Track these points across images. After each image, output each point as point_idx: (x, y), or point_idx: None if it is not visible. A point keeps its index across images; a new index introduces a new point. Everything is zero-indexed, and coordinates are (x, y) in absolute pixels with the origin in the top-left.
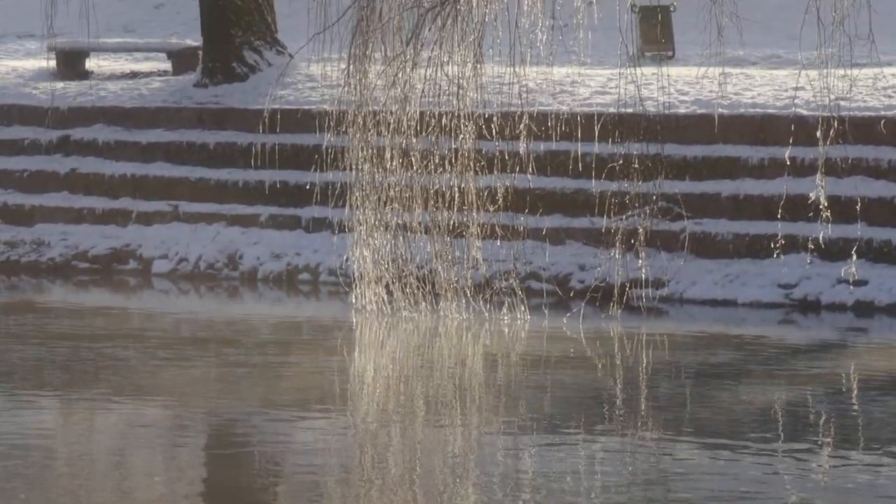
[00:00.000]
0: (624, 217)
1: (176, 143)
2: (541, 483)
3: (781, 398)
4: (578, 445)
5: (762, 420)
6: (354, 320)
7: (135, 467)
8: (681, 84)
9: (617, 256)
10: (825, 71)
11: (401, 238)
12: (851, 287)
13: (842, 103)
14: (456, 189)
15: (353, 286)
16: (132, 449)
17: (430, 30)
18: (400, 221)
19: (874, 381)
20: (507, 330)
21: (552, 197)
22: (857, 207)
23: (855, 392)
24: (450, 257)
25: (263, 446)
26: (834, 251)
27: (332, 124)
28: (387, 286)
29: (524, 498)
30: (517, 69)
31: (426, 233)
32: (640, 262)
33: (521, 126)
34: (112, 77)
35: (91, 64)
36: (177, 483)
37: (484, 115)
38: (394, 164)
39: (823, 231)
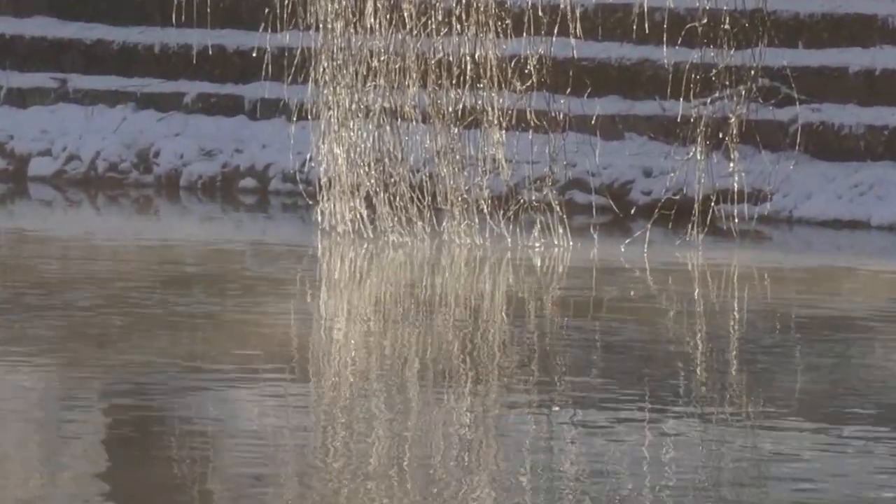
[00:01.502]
0: (709, 101)
1: None
2: (587, 484)
3: None
4: (639, 430)
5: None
6: (320, 247)
7: (3, 457)
8: None
9: (698, 157)
10: None
11: (388, 129)
12: None
13: None
14: (468, 58)
15: (319, 197)
16: (7, 420)
17: None
18: (387, 105)
19: None
20: (539, 262)
21: (606, 71)
22: None
23: None
24: (458, 157)
25: (185, 425)
26: None
27: None
28: (367, 197)
29: None
30: None
31: (424, 121)
32: (731, 165)
33: None
34: None
35: None
36: (58, 478)
37: None
38: (378, 21)
39: None
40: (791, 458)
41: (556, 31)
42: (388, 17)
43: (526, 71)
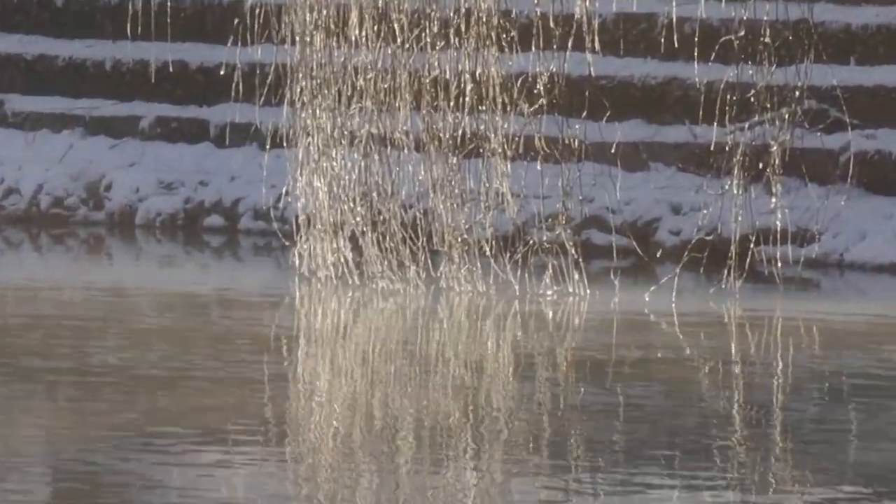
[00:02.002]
0: (747, 126)
1: None
2: None
3: None
4: None
5: None
6: (298, 295)
7: None
8: None
9: (735, 191)
10: None
11: (376, 158)
12: None
13: None
14: (468, 76)
15: (296, 238)
16: None
17: None
18: (375, 130)
19: None
20: (551, 312)
21: (627, 91)
22: None
23: None
24: (457, 190)
25: (144, 495)
26: None
27: None
28: (353, 238)
29: None
30: None
31: (418, 149)
32: (772, 200)
33: None
34: None
35: None
36: None
37: None
38: (364, 32)
39: None
40: None
41: (569, 45)
42: (375, 28)
43: (535, 91)
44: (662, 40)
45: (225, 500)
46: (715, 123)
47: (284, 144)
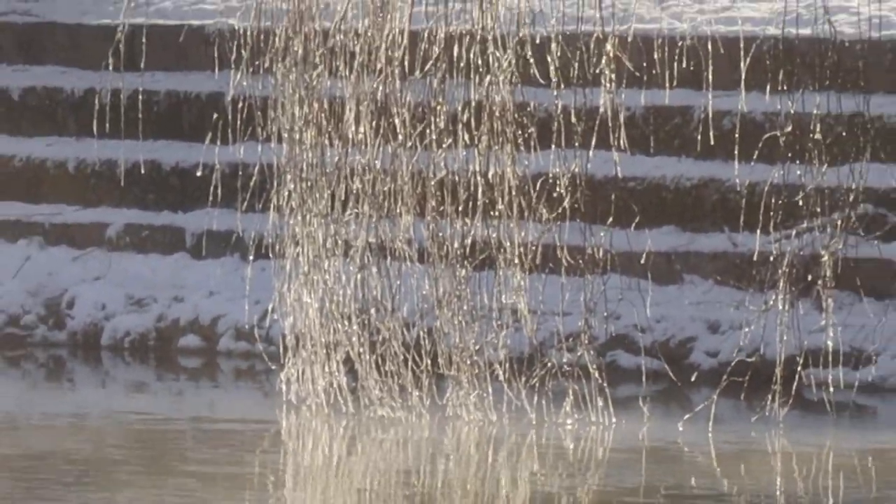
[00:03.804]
0: (794, 233)
1: None
2: None
3: None
4: None
5: None
6: (285, 426)
7: None
8: None
9: (780, 307)
10: None
11: (374, 270)
12: None
13: None
14: (479, 178)
15: (284, 360)
16: None
17: None
18: (373, 239)
19: None
20: (572, 444)
21: (660, 193)
22: None
23: None
24: (466, 306)
25: None
26: None
27: (243, 55)
28: (347, 360)
29: None
30: None
31: (422, 260)
32: (823, 316)
33: (602, 60)
34: None
35: None
36: None
37: (532, 38)
38: (360, 130)
39: None
40: None
41: (593, 143)
42: (373, 124)
43: (555, 194)
44: (699, 137)
45: None
46: (758, 231)
47: (270, 255)
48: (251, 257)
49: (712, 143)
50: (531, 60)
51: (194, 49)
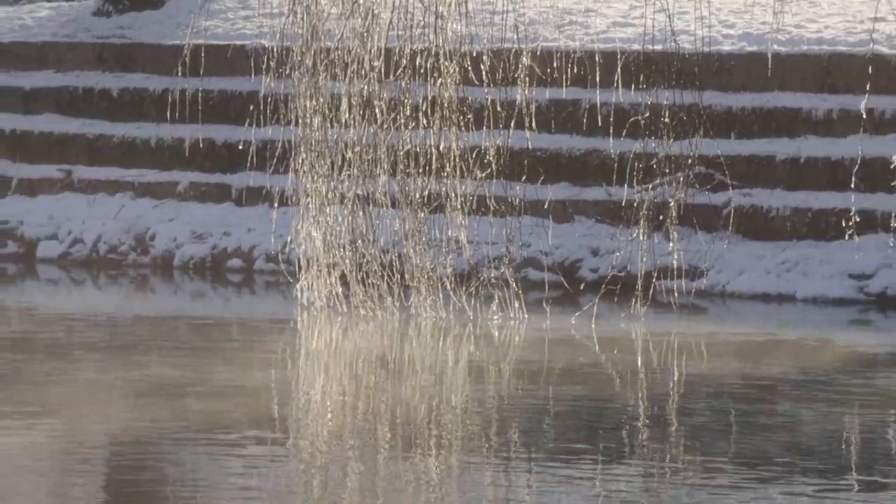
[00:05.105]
0: (650, 186)
1: (69, 88)
2: None
3: (852, 425)
4: (589, 483)
5: (825, 453)
6: (299, 320)
7: None
8: (725, 13)
9: (641, 237)
10: None
11: (361, 213)
12: None
13: None
14: (433, 150)
15: (299, 276)
16: (10, 488)
17: None
18: (360, 192)
19: None
20: (497, 333)
21: (557, 160)
22: None
23: None
24: (424, 238)
25: (177, 483)
26: None
27: (272, 65)
28: (342, 276)
29: None
30: None
31: (394, 206)
32: (670, 244)
33: (519, 68)
34: None
35: None
36: None
37: (470, 53)
38: (352, 116)
39: None
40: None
41: (512, 125)
42: (361, 112)
43: (485, 160)
44: (585, 120)
45: (238, 484)
46: (625, 185)
47: (289, 203)
48: (276, 205)
49: (595, 124)
50: (469, 68)
51: (238, 61)
